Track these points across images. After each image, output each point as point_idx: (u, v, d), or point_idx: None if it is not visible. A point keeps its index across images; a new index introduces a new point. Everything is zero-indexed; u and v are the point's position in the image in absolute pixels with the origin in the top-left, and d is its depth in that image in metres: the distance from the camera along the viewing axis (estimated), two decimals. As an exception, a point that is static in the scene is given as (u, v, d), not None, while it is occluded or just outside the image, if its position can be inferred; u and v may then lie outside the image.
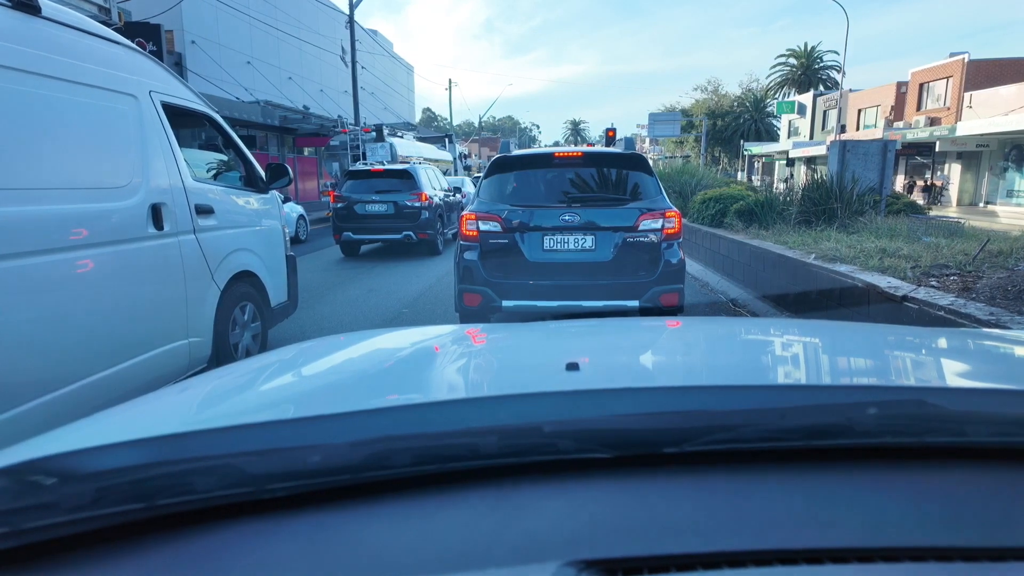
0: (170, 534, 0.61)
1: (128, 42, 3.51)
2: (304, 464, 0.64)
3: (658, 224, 4.68)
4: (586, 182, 5.03)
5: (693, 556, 0.55)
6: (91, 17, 3.27)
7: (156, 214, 3.33)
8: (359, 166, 13.10)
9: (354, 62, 22.80)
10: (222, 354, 3.87)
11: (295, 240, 13.85)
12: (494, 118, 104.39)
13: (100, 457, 0.64)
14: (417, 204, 11.19)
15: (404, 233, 11.09)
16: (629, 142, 5.70)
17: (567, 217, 4.67)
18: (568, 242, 4.70)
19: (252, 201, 4.50)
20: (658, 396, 0.79)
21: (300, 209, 15.36)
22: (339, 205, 11.29)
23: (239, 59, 22.16)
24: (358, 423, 0.71)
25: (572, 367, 0.96)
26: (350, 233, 11.17)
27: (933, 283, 4.24)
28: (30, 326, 2.52)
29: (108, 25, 3.61)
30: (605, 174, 5.07)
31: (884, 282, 4.30)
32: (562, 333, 1.56)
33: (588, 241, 4.69)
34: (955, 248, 5.34)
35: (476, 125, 71.29)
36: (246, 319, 4.29)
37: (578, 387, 0.90)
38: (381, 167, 12.38)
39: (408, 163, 13.51)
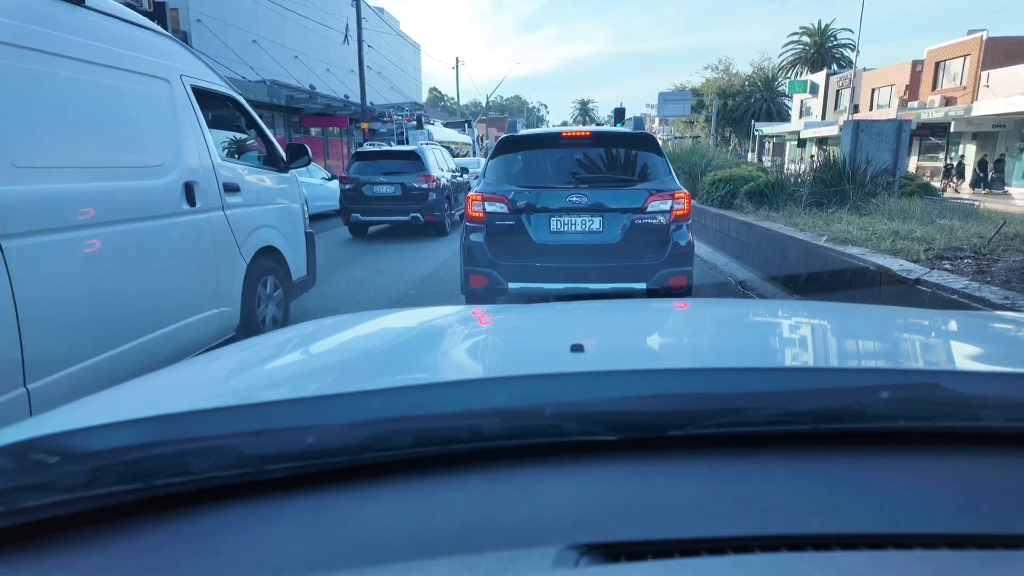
0: (167, 515, 0.61)
1: (161, 28, 3.69)
2: (302, 445, 0.62)
3: (667, 205, 4.60)
4: (594, 163, 4.93)
5: (697, 541, 0.53)
6: (121, 3, 3.43)
7: (189, 191, 3.53)
8: (366, 148, 13.04)
9: (360, 41, 22.58)
10: (248, 324, 4.08)
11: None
12: (501, 98, 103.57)
13: (96, 437, 0.63)
14: (425, 186, 11.12)
15: (412, 215, 11.09)
16: (638, 122, 5.63)
17: (574, 198, 4.60)
18: (575, 224, 4.64)
19: (274, 180, 4.68)
20: (663, 378, 0.77)
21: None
22: (347, 187, 11.27)
23: (245, 38, 21.98)
24: (358, 404, 0.70)
25: (577, 349, 0.95)
26: (358, 215, 11.18)
27: (947, 266, 4.17)
28: (81, 294, 2.74)
29: (137, 11, 3.74)
30: (613, 154, 4.97)
31: (896, 265, 4.24)
32: (567, 314, 1.55)
33: (596, 223, 4.63)
34: (970, 231, 5.26)
35: (483, 105, 70.71)
36: (270, 292, 4.48)
37: (582, 369, 0.88)
38: (389, 149, 12.35)
39: (416, 145, 13.53)
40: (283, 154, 4.82)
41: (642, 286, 4.56)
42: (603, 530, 0.54)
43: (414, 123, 23.57)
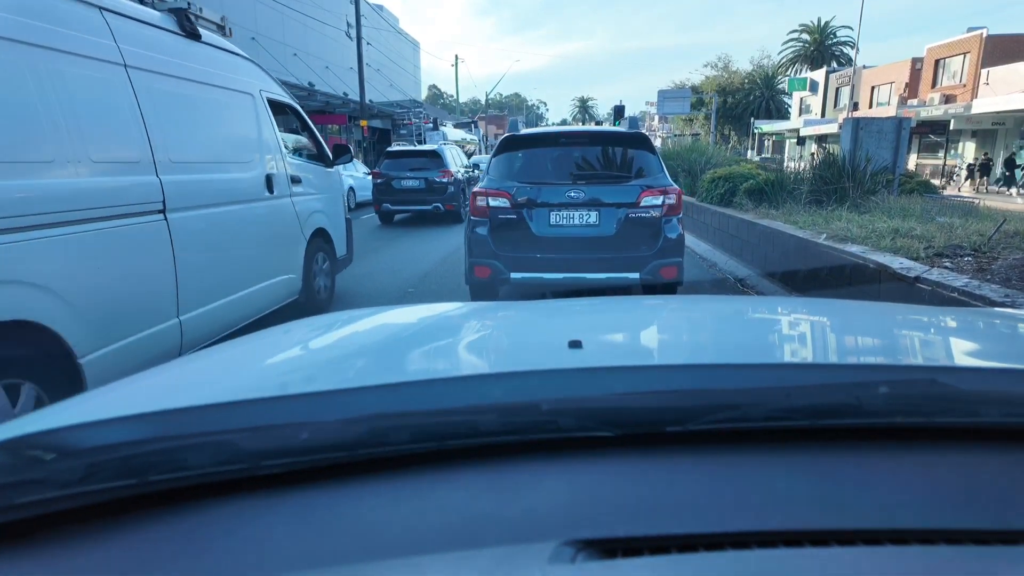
0: (163, 511, 0.60)
1: (244, 54, 4.66)
2: (297, 441, 0.62)
3: (659, 200, 4.87)
4: (591, 160, 5.19)
5: (695, 536, 0.53)
6: (212, 32, 4.36)
7: (268, 182, 4.51)
8: (395, 147, 15.10)
9: (359, 38, 22.52)
10: (308, 289, 5.12)
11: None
12: (501, 95, 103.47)
13: (92, 433, 0.63)
14: (444, 180, 13.00)
15: (433, 205, 12.91)
16: (633, 121, 5.91)
17: (572, 194, 4.86)
18: (573, 217, 4.89)
19: (322, 174, 5.66)
20: (662, 374, 0.77)
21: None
22: (378, 181, 13.10)
23: (244, 35, 21.87)
24: (354, 400, 0.70)
25: (575, 345, 0.94)
26: (388, 204, 13.08)
27: (947, 264, 4.17)
28: (210, 253, 3.72)
29: (224, 37, 4.64)
30: (609, 153, 5.23)
31: (896, 263, 4.23)
32: (566, 311, 1.54)
33: (592, 217, 4.88)
34: (970, 229, 5.24)
35: (482, 102, 70.61)
36: (321, 265, 5.47)
37: (580, 364, 0.88)
38: (413, 148, 14.61)
39: (436, 144, 15.74)
40: (329, 152, 5.78)
41: (636, 276, 4.81)
42: (600, 526, 0.54)
43: (431, 125, 28.34)
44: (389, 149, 14.85)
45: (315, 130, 5.75)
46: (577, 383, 0.71)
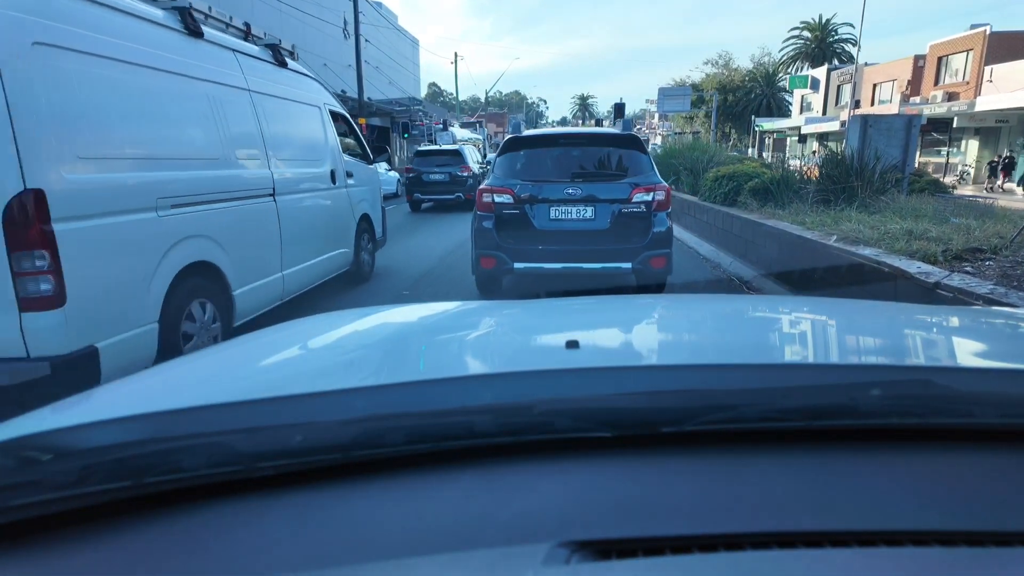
0: (158, 512, 0.60)
1: (314, 75, 6.07)
2: (293, 442, 0.62)
3: (649, 197, 5.30)
4: (588, 160, 5.65)
5: (689, 538, 0.53)
6: (287, 56, 5.57)
7: (332, 175, 5.87)
8: (424, 147, 18.13)
9: (358, 35, 22.37)
10: (356, 262, 6.52)
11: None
12: (500, 93, 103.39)
13: (86, 435, 0.64)
14: (465, 174, 15.69)
15: (456, 195, 15.46)
16: (627, 124, 6.48)
17: (570, 191, 5.31)
18: (571, 212, 5.34)
19: (366, 169, 7.07)
20: (658, 375, 0.78)
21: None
22: (411, 175, 15.99)
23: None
24: (350, 401, 0.70)
25: (572, 345, 0.95)
26: (418, 194, 15.87)
27: (967, 268, 3.97)
28: (300, 226, 5.04)
29: (293, 59, 5.82)
30: (604, 153, 5.70)
31: (913, 267, 4.03)
32: (564, 311, 1.56)
33: (588, 212, 5.33)
34: (988, 230, 5.03)
35: (482, 100, 70.50)
36: (365, 244, 6.83)
37: (577, 365, 0.89)
38: (439, 148, 17.69)
39: (457, 145, 18.90)
40: (370, 152, 7.19)
41: (628, 266, 5.25)
42: (594, 527, 0.54)
43: (440, 126, 32.54)
44: (419, 149, 17.88)
45: (359, 133, 7.13)
46: (572, 384, 0.71)
